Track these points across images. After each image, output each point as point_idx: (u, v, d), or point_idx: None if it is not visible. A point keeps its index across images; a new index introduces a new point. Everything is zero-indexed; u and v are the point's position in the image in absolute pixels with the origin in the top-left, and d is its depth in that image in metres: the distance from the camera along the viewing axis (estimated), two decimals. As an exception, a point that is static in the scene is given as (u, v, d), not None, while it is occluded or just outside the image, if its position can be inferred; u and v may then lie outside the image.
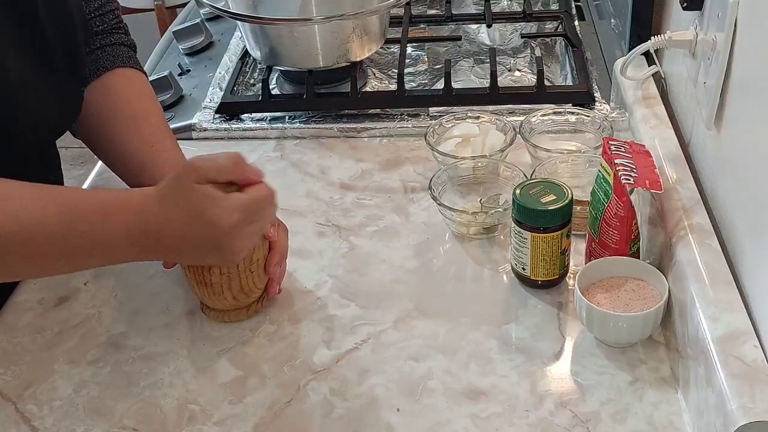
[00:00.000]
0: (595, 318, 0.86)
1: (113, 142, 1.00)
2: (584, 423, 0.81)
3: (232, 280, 0.89)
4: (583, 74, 1.26)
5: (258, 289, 0.92)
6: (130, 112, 1.01)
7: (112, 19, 1.06)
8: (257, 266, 0.90)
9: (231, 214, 0.81)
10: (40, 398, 0.87)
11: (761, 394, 0.71)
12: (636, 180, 0.87)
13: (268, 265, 0.91)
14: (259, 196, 0.83)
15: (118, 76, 1.03)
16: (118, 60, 1.04)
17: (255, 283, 0.91)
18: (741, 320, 0.78)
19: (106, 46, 1.04)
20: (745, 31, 0.85)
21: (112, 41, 1.05)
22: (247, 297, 0.92)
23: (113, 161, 1.02)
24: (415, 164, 1.17)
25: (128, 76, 1.04)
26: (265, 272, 0.92)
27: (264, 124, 1.26)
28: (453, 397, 0.84)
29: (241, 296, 0.91)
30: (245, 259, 0.88)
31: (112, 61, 1.03)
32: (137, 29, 2.94)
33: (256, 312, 0.94)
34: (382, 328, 0.93)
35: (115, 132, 0.99)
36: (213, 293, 0.90)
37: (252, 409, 0.85)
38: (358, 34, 1.25)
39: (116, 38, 1.06)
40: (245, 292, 0.91)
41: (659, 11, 1.18)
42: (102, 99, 1.01)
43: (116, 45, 1.05)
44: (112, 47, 1.04)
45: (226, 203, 0.81)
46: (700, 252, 0.85)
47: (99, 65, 1.02)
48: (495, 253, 1.02)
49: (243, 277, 0.89)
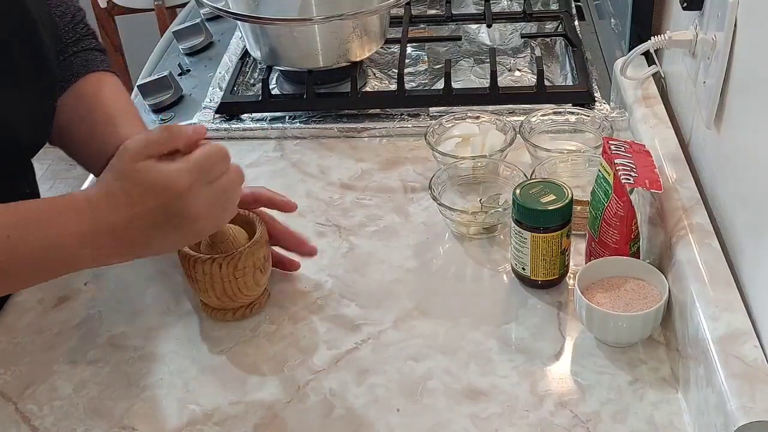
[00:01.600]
0: (595, 318, 0.86)
1: (91, 143, 0.98)
2: (584, 423, 0.81)
3: (214, 281, 0.89)
4: (583, 74, 1.26)
5: (245, 295, 0.92)
6: (106, 113, 1.00)
7: (82, 28, 1.06)
8: (243, 273, 0.89)
9: (180, 177, 0.76)
10: (40, 398, 0.87)
11: (761, 394, 0.71)
12: (636, 180, 0.87)
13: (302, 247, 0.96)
14: (208, 152, 0.78)
15: (92, 80, 1.03)
16: (90, 65, 1.04)
17: (240, 289, 0.91)
18: (741, 320, 0.78)
19: (78, 52, 1.04)
20: (745, 31, 0.85)
21: (83, 47, 1.05)
22: (231, 301, 0.92)
23: (93, 163, 0.99)
24: (415, 164, 1.17)
25: (101, 78, 1.04)
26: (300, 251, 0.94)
27: (264, 124, 1.26)
28: (453, 397, 0.84)
29: (225, 299, 0.91)
30: (229, 264, 0.88)
31: (85, 66, 1.03)
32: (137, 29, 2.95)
33: (244, 316, 0.94)
34: (382, 328, 0.93)
35: (93, 133, 0.98)
36: (199, 289, 0.91)
37: (252, 409, 0.85)
38: (358, 34, 1.25)
39: (87, 43, 1.05)
40: (229, 296, 0.91)
41: (659, 11, 1.18)
42: (77, 103, 1.00)
43: (88, 50, 1.05)
44: (84, 53, 1.04)
45: (170, 167, 0.76)
46: (700, 252, 0.85)
47: (73, 72, 1.02)
48: (495, 253, 1.02)
49: (226, 280, 0.89)
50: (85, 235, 0.77)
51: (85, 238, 0.77)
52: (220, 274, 0.89)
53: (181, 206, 0.77)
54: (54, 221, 0.78)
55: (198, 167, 0.77)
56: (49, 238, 0.77)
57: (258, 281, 0.92)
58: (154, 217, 0.77)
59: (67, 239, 0.77)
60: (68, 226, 0.77)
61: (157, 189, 0.76)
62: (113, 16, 2.58)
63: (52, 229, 0.77)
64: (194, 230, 0.80)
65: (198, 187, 0.77)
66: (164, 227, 0.78)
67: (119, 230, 0.77)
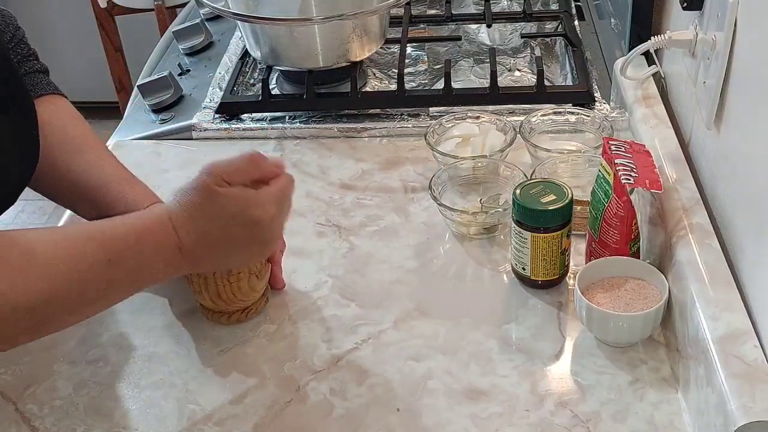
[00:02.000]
0: (595, 318, 0.86)
1: (54, 169, 0.95)
2: (584, 423, 0.81)
3: (208, 283, 0.90)
4: (583, 74, 1.26)
5: (238, 300, 0.92)
6: (67, 138, 0.97)
7: (23, 48, 1.00)
8: (237, 279, 0.90)
9: (269, 209, 0.81)
10: (40, 398, 0.87)
11: (761, 394, 0.71)
12: (636, 180, 0.87)
13: (273, 253, 0.93)
14: (284, 186, 0.84)
15: (43, 104, 0.97)
16: (38, 88, 0.99)
17: (235, 294, 0.91)
18: (741, 320, 0.78)
19: (23, 75, 0.98)
20: (745, 31, 0.85)
21: (27, 70, 1.00)
22: (226, 305, 0.92)
23: (56, 190, 0.97)
24: (415, 164, 1.17)
25: (53, 102, 0.99)
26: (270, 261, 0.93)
27: (264, 124, 1.26)
28: (453, 397, 0.84)
29: (219, 302, 0.91)
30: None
31: (32, 89, 0.98)
32: (137, 29, 2.95)
33: (239, 321, 0.94)
34: (382, 328, 0.93)
35: (56, 160, 0.95)
36: (194, 291, 0.92)
37: (252, 409, 0.85)
38: (358, 34, 1.25)
39: (30, 66, 1.00)
40: (223, 299, 0.91)
41: (659, 11, 1.18)
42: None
43: (32, 73, 1.00)
44: (28, 76, 0.99)
45: (261, 199, 0.81)
46: (700, 252, 0.85)
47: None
48: (495, 253, 1.02)
49: (219, 284, 0.90)
50: (168, 252, 0.80)
51: (167, 255, 0.80)
52: (213, 277, 0.89)
53: (268, 235, 0.83)
54: (145, 241, 0.79)
55: (279, 199, 0.83)
56: (143, 260, 0.79)
57: (254, 287, 0.92)
58: (241, 242, 0.82)
59: (154, 258, 0.79)
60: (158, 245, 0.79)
61: (248, 220, 0.80)
62: (113, 16, 2.57)
63: (145, 249, 0.79)
64: (269, 249, 0.86)
65: (280, 217, 0.83)
66: (248, 248, 0.83)
67: (200, 252, 0.81)
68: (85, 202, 0.95)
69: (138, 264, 0.79)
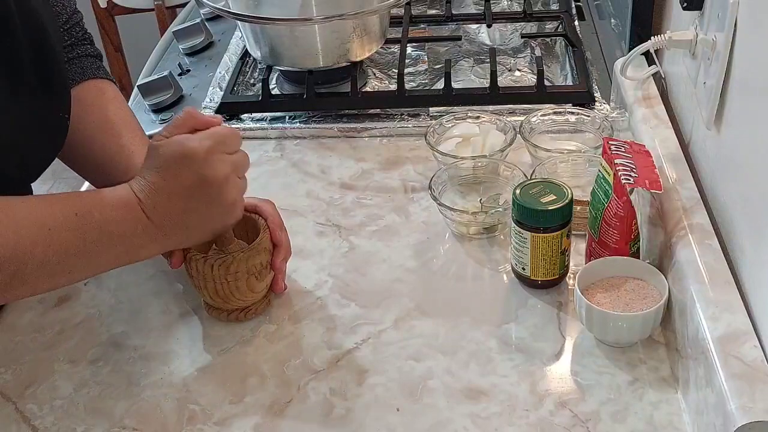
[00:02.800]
0: (595, 318, 0.86)
1: (89, 149, 0.99)
2: (584, 423, 0.81)
3: (207, 280, 0.90)
4: (583, 74, 1.26)
5: (237, 299, 0.92)
6: (105, 120, 1.00)
7: (78, 32, 1.04)
8: (235, 278, 0.90)
9: (218, 167, 0.83)
10: (40, 398, 0.87)
11: (761, 394, 0.71)
12: (636, 180, 0.87)
13: (274, 261, 0.93)
14: (222, 128, 0.85)
15: (89, 87, 1.02)
16: (87, 72, 1.02)
17: (233, 293, 0.91)
18: (741, 320, 0.78)
19: (73, 59, 1.02)
20: (745, 31, 0.85)
21: (79, 53, 1.03)
22: (224, 303, 0.92)
23: (88, 169, 1.01)
24: (415, 164, 1.17)
25: (99, 86, 1.03)
26: (272, 267, 0.93)
27: (264, 124, 1.26)
28: (453, 396, 0.84)
29: (218, 299, 0.92)
30: (221, 266, 0.89)
31: (81, 73, 1.02)
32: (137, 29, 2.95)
33: (238, 320, 0.94)
34: (382, 327, 0.93)
35: (93, 140, 0.99)
36: (195, 286, 0.92)
37: (252, 409, 0.85)
38: (358, 33, 1.25)
39: (83, 50, 1.04)
40: (221, 297, 0.91)
41: (659, 11, 1.18)
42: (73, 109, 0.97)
43: (83, 57, 1.03)
44: (79, 59, 1.03)
45: (193, 136, 0.83)
46: (700, 252, 0.85)
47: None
48: (495, 253, 1.02)
49: (218, 282, 0.90)
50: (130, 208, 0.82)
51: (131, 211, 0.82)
52: (212, 274, 0.89)
53: (207, 171, 0.82)
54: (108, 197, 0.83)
55: (214, 136, 0.84)
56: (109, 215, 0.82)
57: (253, 287, 0.92)
58: (190, 199, 0.83)
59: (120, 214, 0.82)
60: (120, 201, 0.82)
61: (183, 156, 0.82)
62: (113, 16, 2.58)
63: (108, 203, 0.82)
64: (223, 202, 0.85)
65: (218, 152, 0.83)
66: (202, 213, 0.84)
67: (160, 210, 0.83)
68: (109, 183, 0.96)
69: (105, 219, 0.81)
